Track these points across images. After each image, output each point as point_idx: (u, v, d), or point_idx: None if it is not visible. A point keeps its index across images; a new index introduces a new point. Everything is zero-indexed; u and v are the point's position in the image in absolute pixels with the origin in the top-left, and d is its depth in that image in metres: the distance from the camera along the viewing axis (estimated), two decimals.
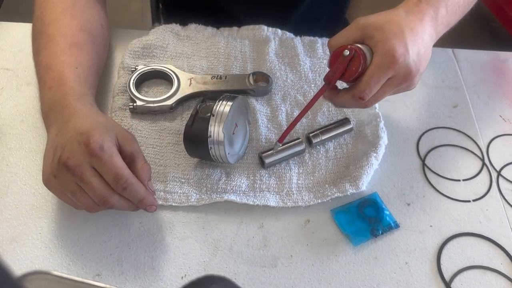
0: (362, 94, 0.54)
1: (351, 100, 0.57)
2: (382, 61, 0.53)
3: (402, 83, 0.56)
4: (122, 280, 0.54)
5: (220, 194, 0.60)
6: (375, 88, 0.55)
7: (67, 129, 0.53)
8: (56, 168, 0.51)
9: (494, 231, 0.61)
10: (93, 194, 0.51)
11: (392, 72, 0.54)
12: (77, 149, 0.50)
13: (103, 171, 0.50)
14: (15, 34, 0.77)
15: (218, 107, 0.58)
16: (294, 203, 0.61)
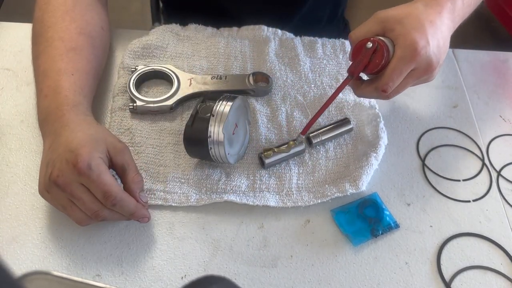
0: (385, 86, 0.56)
1: (373, 92, 0.58)
2: (404, 54, 0.55)
3: (423, 75, 0.58)
4: (122, 280, 0.54)
5: (220, 194, 0.60)
6: (397, 80, 0.56)
7: (59, 143, 0.53)
8: (48, 184, 0.52)
9: (494, 231, 0.61)
10: (84, 209, 0.52)
11: (414, 65, 0.55)
12: (66, 168, 0.51)
13: (92, 189, 0.52)
14: (15, 34, 0.77)
15: (218, 107, 0.57)
16: (294, 203, 0.61)
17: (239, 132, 0.62)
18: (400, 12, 0.57)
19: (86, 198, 0.52)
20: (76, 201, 0.52)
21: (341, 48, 0.78)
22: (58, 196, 0.53)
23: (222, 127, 0.56)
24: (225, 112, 0.57)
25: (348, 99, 0.71)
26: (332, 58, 0.76)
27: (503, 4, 1.91)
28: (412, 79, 0.58)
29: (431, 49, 0.56)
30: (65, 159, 0.51)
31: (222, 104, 0.58)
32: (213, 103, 0.58)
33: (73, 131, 0.54)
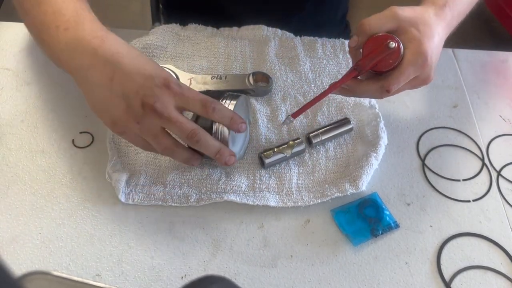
0: (391, 87, 0.56)
1: (375, 91, 0.58)
2: (416, 61, 0.56)
3: (421, 84, 0.60)
4: (122, 280, 0.54)
5: (220, 194, 0.60)
6: (403, 83, 0.57)
7: (127, 73, 0.51)
8: (141, 114, 0.51)
9: (494, 231, 0.61)
10: (181, 131, 0.52)
11: (420, 72, 0.57)
12: (160, 92, 0.51)
13: (190, 103, 0.53)
14: (15, 34, 0.77)
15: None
16: (294, 203, 0.61)
17: None
18: (416, 16, 0.57)
19: (184, 119, 0.52)
20: (173, 125, 0.52)
21: (341, 48, 0.78)
22: (151, 125, 0.52)
23: None
24: (230, 109, 0.57)
25: (348, 99, 0.71)
26: (332, 58, 0.76)
27: (503, 4, 1.91)
28: (411, 84, 0.59)
29: (434, 62, 0.58)
30: (154, 85, 0.51)
31: (226, 102, 0.58)
32: None
33: (134, 58, 0.52)
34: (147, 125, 0.52)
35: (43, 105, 0.68)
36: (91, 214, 0.59)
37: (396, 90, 0.58)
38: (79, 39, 0.52)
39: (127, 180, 0.60)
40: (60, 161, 0.63)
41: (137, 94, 0.50)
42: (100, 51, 0.51)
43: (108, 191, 0.61)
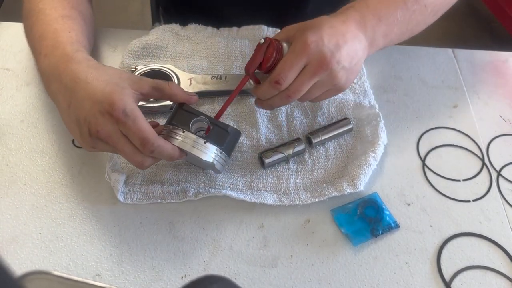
0: (277, 77, 0.55)
1: (269, 88, 0.57)
2: (295, 47, 0.56)
3: (318, 71, 0.56)
4: (122, 280, 0.54)
5: (218, 189, 0.60)
6: (289, 72, 0.55)
7: (80, 99, 0.52)
8: (90, 141, 0.53)
9: (494, 231, 0.61)
10: (129, 160, 0.54)
11: (305, 57, 0.55)
12: (102, 120, 0.51)
13: (130, 136, 0.52)
14: (15, 34, 0.77)
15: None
16: (291, 202, 0.61)
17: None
18: (305, 23, 0.58)
19: (128, 149, 0.52)
20: (120, 153, 0.53)
21: None
22: (105, 148, 0.54)
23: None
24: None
25: (348, 99, 0.71)
26: None
27: (503, 4, 1.91)
28: (307, 75, 0.56)
29: (325, 45, 0.55)
30: (98, 111, 0.51)
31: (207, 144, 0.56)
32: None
33: (88, 83, 0.53)
34: (102, 148, 0.54)
35: (43, 105, 0.68)
36: (91, 214, 0.59)
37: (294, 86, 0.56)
38: (51, 66, 0.56)
39: (125, 180, 0.61)
40: (60, 161, 0.63)
41: (85, 121, 0.52)
42: (63, 76, 0.54)
43: (108, 191, 0.61)
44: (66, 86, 0.54)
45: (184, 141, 0.54)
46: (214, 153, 0.56)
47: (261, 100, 0.60)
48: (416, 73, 0.78)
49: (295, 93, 0.57)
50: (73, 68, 0.54)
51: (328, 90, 0.59)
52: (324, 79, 0.57)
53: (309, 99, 0.60)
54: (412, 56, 0.80)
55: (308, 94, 0.58)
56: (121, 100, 0.51)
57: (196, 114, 0.56)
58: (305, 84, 0.57)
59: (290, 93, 0.57)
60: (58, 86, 0.55)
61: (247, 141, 0.66)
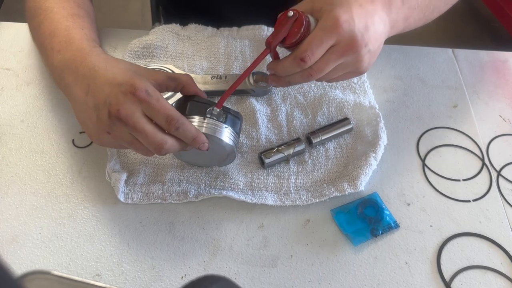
0: (303, 54, 0.53)
1: (292, 65, 0.54)
2: (325, 24, 0.53)
3: (346, 52, 0.54)
4: (122, 280, 0.54)
5: (218, 190, 0.60)
6: (316, 50, 0.53)
7: (100, 84, 0.52)
8: (108, 124, 0.51)
9: (494, 231, 0.61)
10: (148, 142, 0.51)
11: (335, 37, 0.53)
12: (124, 99, 0.50)
13: (154, 114, 0.51)
14: (15, 34, 0.77)
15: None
16: (292, 202, 0.61)
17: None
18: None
19: (149, 129, 0.51)
20: (139, 135, 0.51)
21: None
22: (121, 132, 0.51)
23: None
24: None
25: (348, 99, 0.71)
26: None
27: (503, 4, 1.91)
28: (334, 55, 0.54)
29: (356, 26, 0.53)
30: (120, 92, 0.50)
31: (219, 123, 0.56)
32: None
33: (107, 70, 0.53)
34: (118, 134, 0.52)
35: (43, 105, 0.68)
36: (91, 214, 0.59)
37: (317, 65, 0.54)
38: (66, 59, 0.56)
39: (126, 180, 0.61)
40: (60, 161, 0.63)
41: (105, 104, 0.51)
42: (81, 68, 0.54)
43: (108, 191, 0.61)
44: (84, 75, 0.53)
45: (207, 127, 0.55)
46: (232, 136, 0.57)
47: (277, 77, 0.58)
48: (416, 73, 0.78)
49: (317, 72, 0.55)
50: (92, 59, 0.54)
51: (348, 72, 0.58)
52: (349, 61, 0.55)
53: (327, 79, 0.58)
54: (412, 56, 0.80)
55: (328, 75, 0.57)
56: (142, 82, 0.51)
57: (209, 103, 0.57)
58: (330, 64, 0.55)
59: (312, 71, 0.55)
60: (74, 77, 0.54)
61: (247, 141, 0.66)
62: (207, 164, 0.62)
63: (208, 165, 0.62)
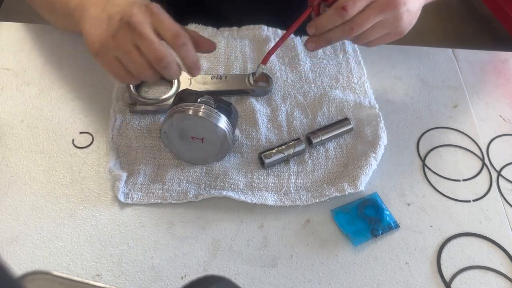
0: (345, 3, 0.55)
1: (334, 15, 0.57)
2: None
3: (386, 9, 0.57)
4: (122, 280, 0.54)
5: (218, 190, 0.60)
6: (359, 2, 0.56)
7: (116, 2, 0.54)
8: (117, 27, 0.53)
9: (494, 231, 0.61)
10: (150, 49, 0.53)
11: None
12: (138, 10, 0.53)
13: (163, 28, 0.53)
14: (15, 34, 0.77)
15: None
16: (292, 202, 0.61)
17: (194, 144, 0.61)
18: None
19: (154, 38, 0.53)
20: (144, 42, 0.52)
21: (341, 48, 0.78)
22: (125, 38, 0.53)
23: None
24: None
25: (348, 99, 0.71)
26: (332, 58, 0.76)
27: (503, 4, 1.91)
28: (375, 10, 0.57)
29: None
30: (135, 5, 0.53)
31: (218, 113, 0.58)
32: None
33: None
34: (121, 38, 0.53)
35: (43, 105, 0.68)
36: (91, 214, 0.59)
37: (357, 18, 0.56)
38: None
39: (126, 180, 0.61)
40: (60, 161, 0.63)
41: (118, 13, 0.53)
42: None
43: (108, 191, 0.61)
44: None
45: (199, 110, 0.57)
46: (225, 123, 0.58)
47: (316, 37, 0.60)
48: (416, 73, 0.78)
49: (358, 26, 0.57)
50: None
51: (387, 34, 0.60)
52: (388, 19, 0.58)
53: (368, 39, 0.60)
54: (412, 56, 0.80)
55: (368, 33, 0.59)
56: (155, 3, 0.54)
57: (200, 93, 0.59)
58: (371, 19, 0.57)
59: (353, 25, 0.57)
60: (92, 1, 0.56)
61: (247, 141, 0.66)
62: (204, 160, 0.62)
63: (205, 160, 0.62)
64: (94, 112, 0.68)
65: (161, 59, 0.53)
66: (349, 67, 0.75)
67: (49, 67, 0.73)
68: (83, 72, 0.72)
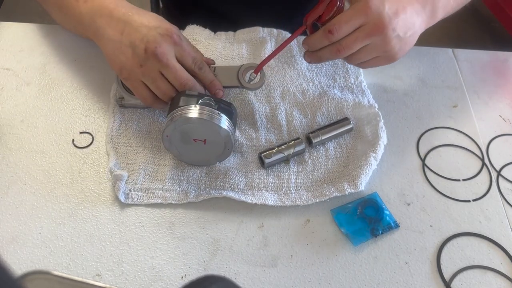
0: (331, 27, 0.57)
1: (321, 37, 0.59)
2: (356, 5, 0.58)
3: (373, 32, 0.58)
4: (122, 280, 0.54)
5: (218, 191, 0.60)
6: (344, 25, 0.57)
7: (136, 26, 0.59)
8: (143, 58, 0.58)
9: (494, 231, 0.61)
10: (175, 77, 0.59)
11: (363, 17, 0.57)
12: (161, 39, 0.58)
13: (184, 55, 0.60)
14: (15, 34, 0.77)
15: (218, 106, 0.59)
16: (292, 202, 0.61)
17: (195, 147, 0.60)
18: None
19: (179, 66, 0.59)
20: (169, 71, 0.58)
21: None
22: (151, 68, 0.58)
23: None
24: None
25: (347, 99, 0.71)
26: None
27: (503, 4, 1.91)
28: (362, 34, 0.58)
29: (386, 10, 0.57)
30: (158, 33, 0.58)
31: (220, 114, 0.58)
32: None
33: (140, 15, 0.60)
34: (149, 68, 0.58)
35: (43, 105, 0.68)
36: (91, 214, 0.59)
37: (345, 41, 0.58)
38: (96, 6, 0.62)
39: (126, 180, 0.61)
40: (60, 161, 0.63)
41: (142, 41, 0.57)
42: (115, 12, 0.60)
43: (108, 191, 0.61)
44: (119, 19, 0.60)
45: (201, 112, 0.57)
46: (228, 124, 0.59)
47: (310, 52, 0.63)
48: (416, 73, 0.78)
49: (345, 48, 0.59)
50: (123, 6, 0.61)
51: (378, 57, 0.62)
52: (376, 43, 0.59)
53: (358, 61, 0.62)
54: (412, 56, 0.80)
55: (357, 55, 0.60)
56: (175, 28, 0.60)
57: (200, 95, 0.59)
58: (358, 42, 0.59)
59: (340, 47, 0.59)
60: (108, 20, 0.60)
61: (247, 141, 0.66)
62: (206, 161, 0.62)
63: (207, 162, 0.62)
64: (94, 112, 0.68)
65: (185, 85, 0.59)
66: (345, 67, 0.75)
67: (49, 67, 0.73)
68: (83, 72, 0.72)
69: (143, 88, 0.60)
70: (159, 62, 0.57)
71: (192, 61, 0.60)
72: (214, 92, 0.62)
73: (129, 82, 0.61)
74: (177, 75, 0.58)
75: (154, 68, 0.58)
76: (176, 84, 0.59)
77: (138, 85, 0.60)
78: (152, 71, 0.58)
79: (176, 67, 0.58)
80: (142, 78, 0.59)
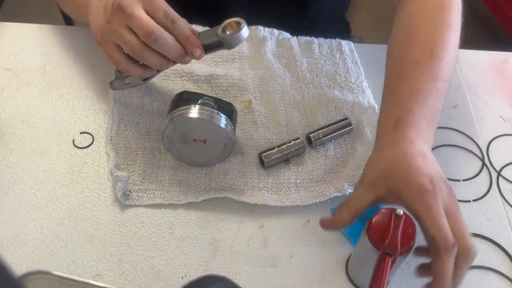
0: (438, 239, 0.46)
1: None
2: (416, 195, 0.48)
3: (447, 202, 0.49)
4: (122, 280, 0.54)
5: (218, 191, 0.60)
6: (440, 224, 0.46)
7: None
8: (110, 13, 0.55)
9: (494, 231, 0.61)
10: (140, 27, 0.53)
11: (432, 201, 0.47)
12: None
13: (154, 8, 0.55)
14: (15, 34, 0.77)
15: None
16: (292, 202, 0.61)
17: (196, 146, 0.60)
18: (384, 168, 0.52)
19: (145, 17, 0.54)
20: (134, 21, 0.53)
21: (337, 48, 0.78)
22: (118, 21, 0.54)
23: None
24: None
25: (347, 99, 0.71)
26: (329, 58, 0.76)
27: (503, 4, 1.91)
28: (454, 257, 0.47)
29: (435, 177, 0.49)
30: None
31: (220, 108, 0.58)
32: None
33: None
34: (115, 22, 0.55)
35: (43, 105, 0.68)
36: (91, 214, 0.59)
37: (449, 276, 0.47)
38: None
39: (127, 181, 0.61)
40: (60, 161, 0.63)
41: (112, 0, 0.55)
42: None
43: (108, 191, 0.61)
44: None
45: (201, 112, 0.57)
46: (228, 123, 0.58)
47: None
48: None
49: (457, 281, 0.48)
50: None
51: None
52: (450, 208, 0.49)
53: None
54: None
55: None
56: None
57: (199, 95, 0.59)
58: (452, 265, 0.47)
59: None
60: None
61: (247, 141, 0.66)
62: (206, 162, 0.62)
63: (207, 162, 0.62)
64: (95, 112, 0.68)
65: (150, 33, 0.53)
66: (346, 67, 0.75)
67: (49, 67, 0.73)
68: (83, 72, 0.73)
69: (115, 50, 0.57)
70: (123, 13, 0.53)
71: (164, 14, 0.55)
72: (190, 50, 0.56)
73: (103, 46, 0.58)
74: (142, 24, 0.53)
75: (120, 21, 0.54)
76: (141, 34, 0.53)
77: (110, 47, 0.57)
78: (119, 25, 0.54)
79: (141, 16, 0.53)
80: (112, 36, 0.56)
